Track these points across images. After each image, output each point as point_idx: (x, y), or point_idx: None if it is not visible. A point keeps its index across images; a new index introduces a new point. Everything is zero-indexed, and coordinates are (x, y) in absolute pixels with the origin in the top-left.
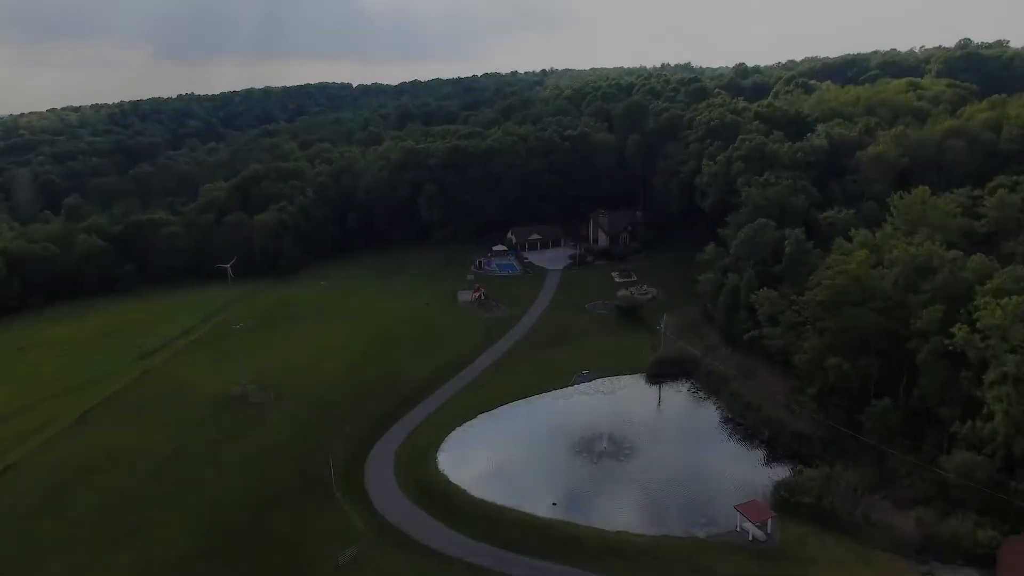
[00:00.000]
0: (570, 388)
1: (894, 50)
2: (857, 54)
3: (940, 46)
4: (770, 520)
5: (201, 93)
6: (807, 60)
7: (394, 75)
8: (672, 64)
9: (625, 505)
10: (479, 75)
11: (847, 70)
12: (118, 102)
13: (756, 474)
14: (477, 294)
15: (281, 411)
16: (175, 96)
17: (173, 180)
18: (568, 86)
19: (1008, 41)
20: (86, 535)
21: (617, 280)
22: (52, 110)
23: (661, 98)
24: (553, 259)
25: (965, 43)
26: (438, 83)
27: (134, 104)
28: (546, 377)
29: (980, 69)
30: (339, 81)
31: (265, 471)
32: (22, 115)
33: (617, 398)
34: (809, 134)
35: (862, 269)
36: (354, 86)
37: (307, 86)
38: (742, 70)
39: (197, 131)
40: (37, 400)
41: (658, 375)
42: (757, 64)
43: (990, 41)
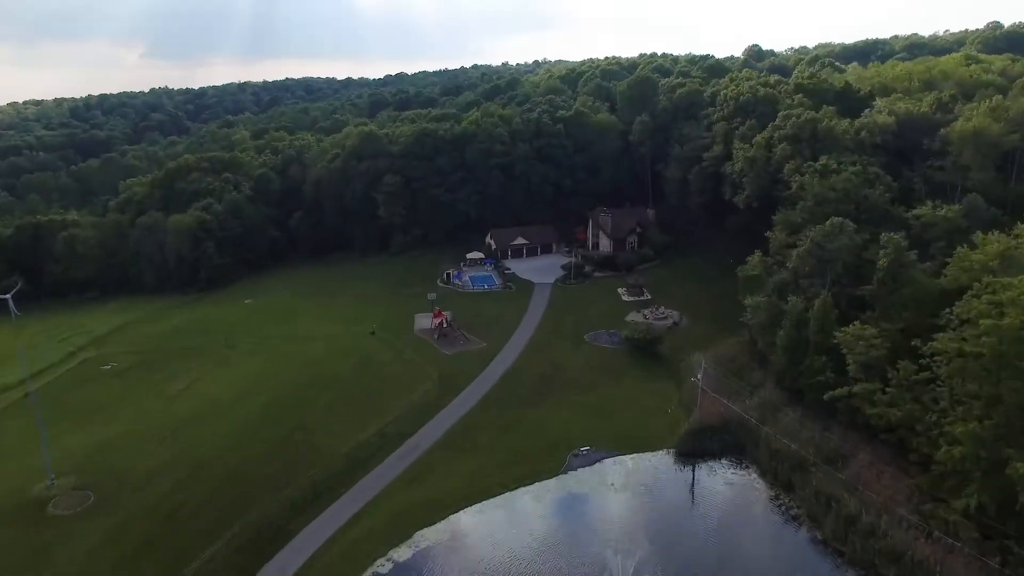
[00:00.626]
0: (564, 475)
1: (915, 34)
2: (876, 39)
3: (966, 29)
4: None
5: (176, 87)
6: (821, 46)
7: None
8: (674, 54)
9: None
10: (467, 67)
11: (870, 53)
12: (85, 96)
13: None
14: (438, 320)
15: (92, 531)
16: (147, 90)
17: (118, 176)
18: (563, 68)
19: None
20: None
21: (625, 299)
22: (13, 103)
23: (673, 75)
24: (542, 270)
25: (996, 25)
26: (424, 75)
27: (102, 98)
28: (527, 458)
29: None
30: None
31: None
32: None
33: (637, 499)
34: (867, 110)
35: None
36: (339, 79)
37: (287, 80)
38: (756, 52)
39: (160, 125)
40: None
41: (693, 452)
42: (771, 48)
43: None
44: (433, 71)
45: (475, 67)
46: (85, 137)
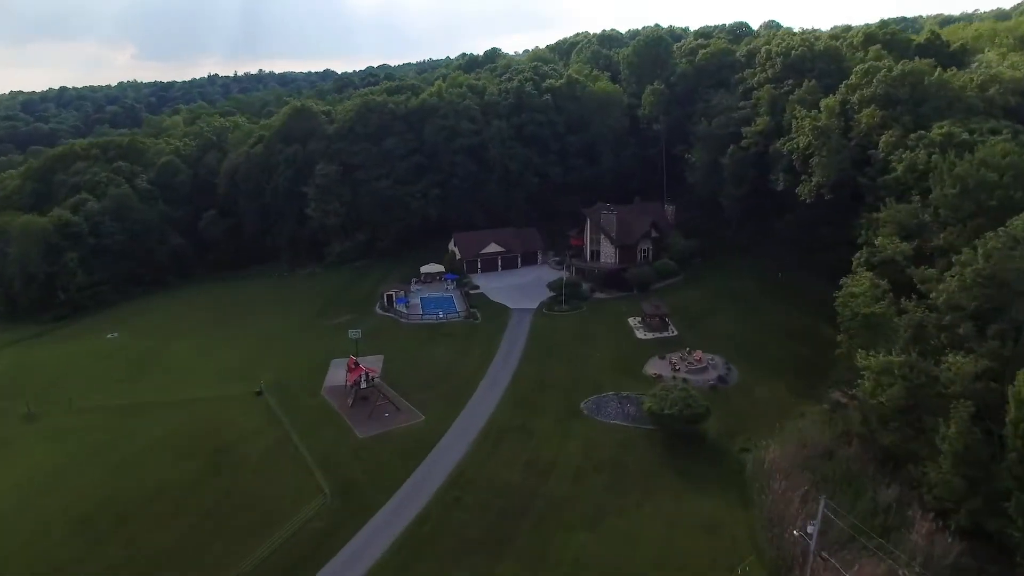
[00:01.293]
0: None
1: (940, 14)
2: (901, 17)
3: (998, 8)
4: None
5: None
6: (837, 27)
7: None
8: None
9: None
10: (454, 56)
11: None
12: (45, 89)
13: None
14: (355, 378)
15: None
16: (115, 84)
17: None
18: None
19: None
20: None
21: (641, 335)
22: None
23: (689, 37)
24: (522, 289)
25: None
26: (408, 66)
27: (61, 90)
28: None
29: None
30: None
31: None
32: None
33: None
34: (971, 66)
35: None
36: (317, 71)
37: (260, 72)
38: (773, 25)
39: (114, 117)
40: None
41: None
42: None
43: None
44: (416, 62)
45: (462, 55)
46: (28, 130)
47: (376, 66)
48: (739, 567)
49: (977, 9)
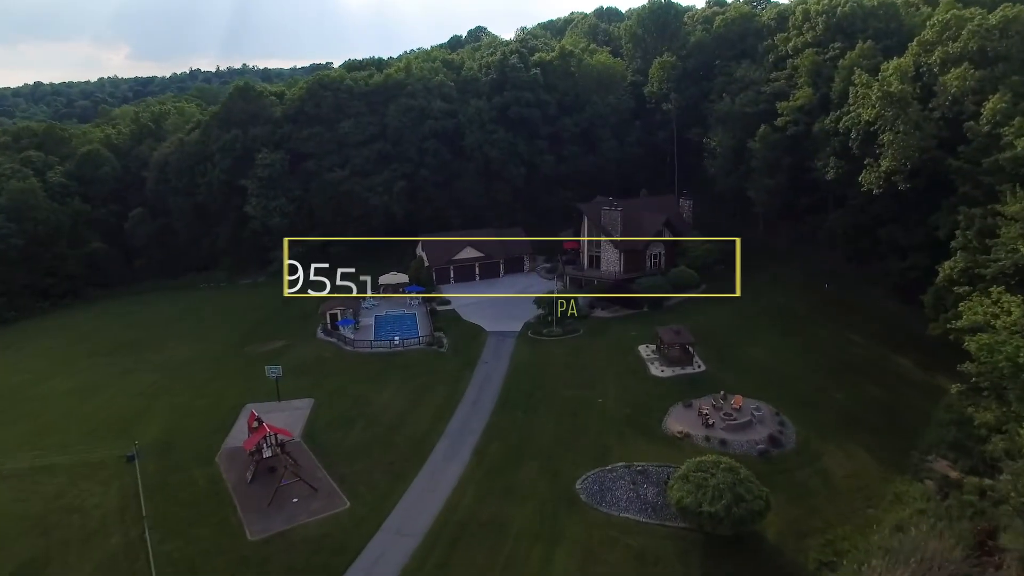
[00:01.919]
0: None
1: None
2: None
3: None
4: None
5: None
6: None
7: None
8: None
9: None
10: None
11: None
12: (21, 85)
13: None
14: (255, 441)
15: None
16: (95, 80)
17: None
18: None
19: None
20: None
21: (656, 372)
22: None
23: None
24: (503, 305)
25: None
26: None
27: (36, 85)
28: None
29: None
30: None
31: None
32: None
33: None
34: None
35: None
36: (302, 66)
37: (243, 67)
38: None
39: (83, 111)
40: None
41: None
42: None
43: None
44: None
45: (450, 39)
46: None
47: (362, 59)
48: None
49: None
